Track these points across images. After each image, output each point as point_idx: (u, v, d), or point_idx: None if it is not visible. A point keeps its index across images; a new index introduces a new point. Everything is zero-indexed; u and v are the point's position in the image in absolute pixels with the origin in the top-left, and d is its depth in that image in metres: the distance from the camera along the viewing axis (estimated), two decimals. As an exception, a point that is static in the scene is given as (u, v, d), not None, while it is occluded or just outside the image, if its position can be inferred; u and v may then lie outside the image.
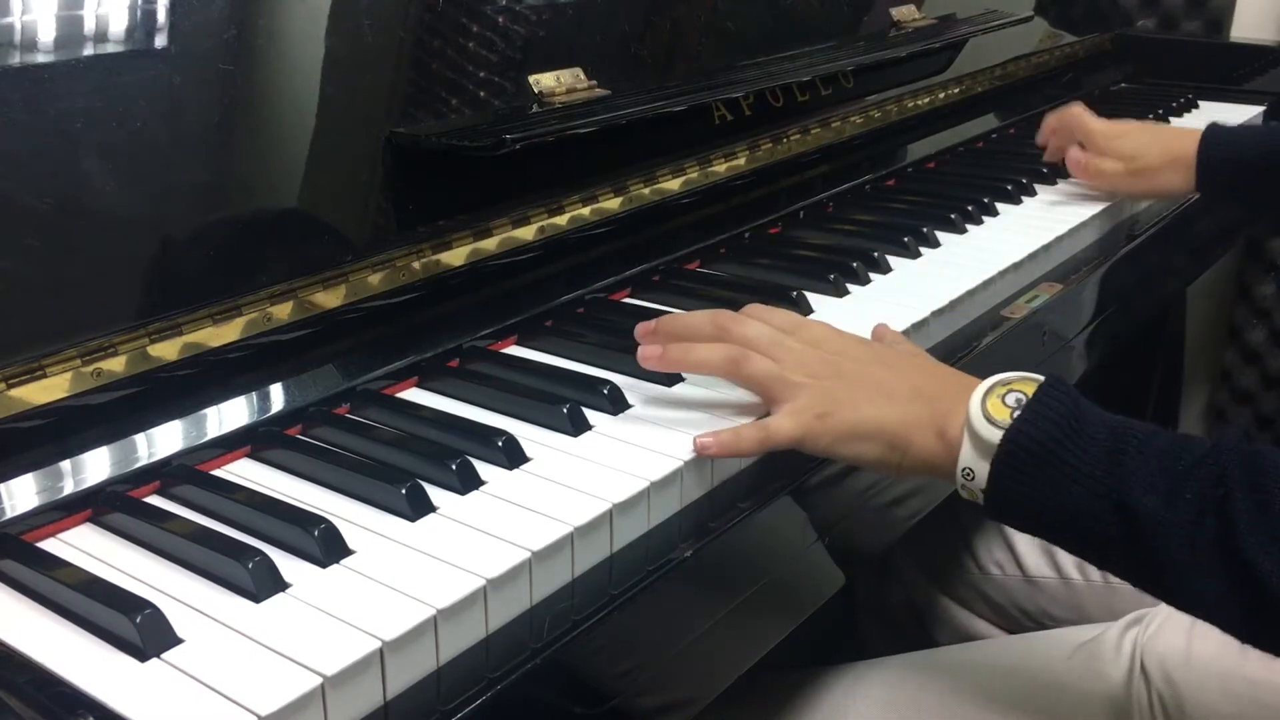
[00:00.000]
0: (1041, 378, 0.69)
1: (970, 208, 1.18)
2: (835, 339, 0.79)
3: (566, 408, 0.76)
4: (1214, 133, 1.23)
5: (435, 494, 0.68)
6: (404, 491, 0.67)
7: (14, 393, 0.66)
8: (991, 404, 0.68)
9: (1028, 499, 0.67)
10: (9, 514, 0.65)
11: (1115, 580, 1.08)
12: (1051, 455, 0.65)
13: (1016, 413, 0.67)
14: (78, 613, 0.59)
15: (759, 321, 0.79)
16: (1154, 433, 0.66)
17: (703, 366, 0.79)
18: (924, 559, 1.24)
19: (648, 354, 0.79)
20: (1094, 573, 1.10)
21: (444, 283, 0.89)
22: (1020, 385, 0.69)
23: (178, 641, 0.56)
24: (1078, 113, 1.31)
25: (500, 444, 0.72)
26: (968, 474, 0.69)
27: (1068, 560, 1.11)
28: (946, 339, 0.96)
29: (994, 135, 1.53)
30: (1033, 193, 1.27)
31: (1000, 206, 1.22)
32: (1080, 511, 0.65)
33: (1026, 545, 1.15)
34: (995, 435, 0.67)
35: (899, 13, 1.41)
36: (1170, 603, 0.65)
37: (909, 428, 0.72)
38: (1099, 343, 1.18)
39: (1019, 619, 1.15)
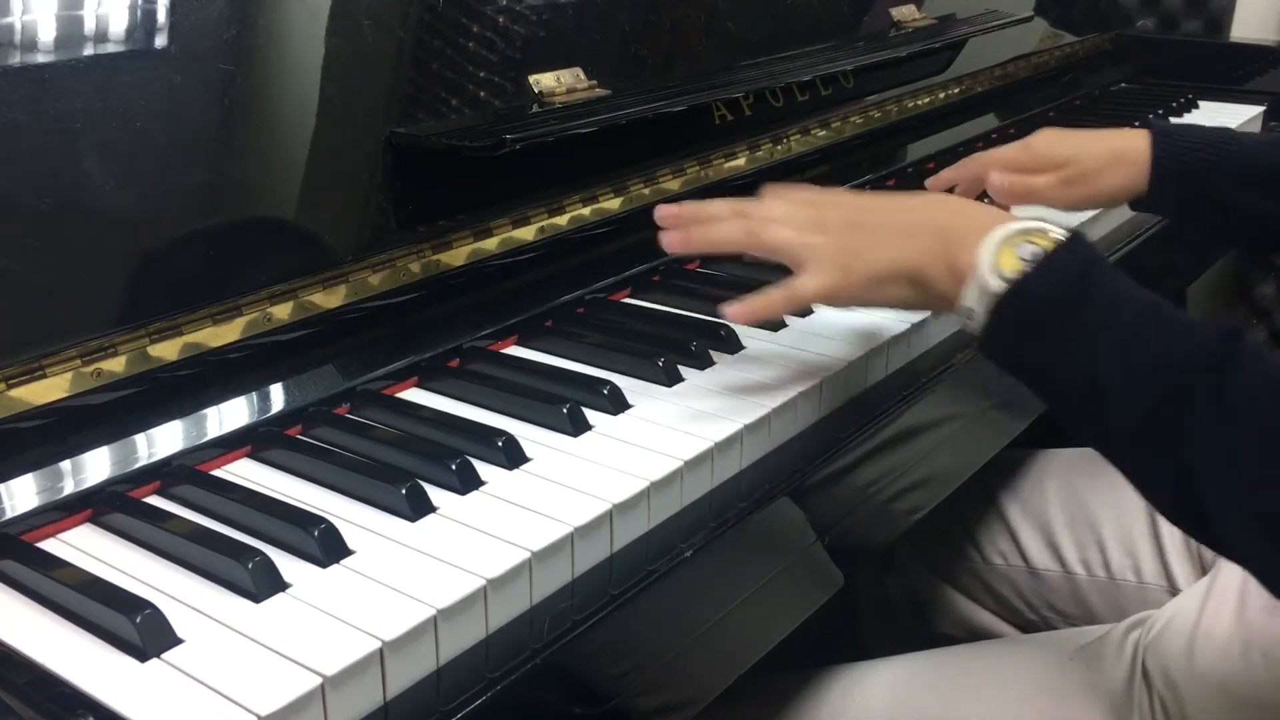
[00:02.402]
0: (1063, 235, 0.69)
1: (970, 208, 1.18)
2: (856, 197, 0.82)
3: (566, 408, 0.76)
4: (1162, 124, 1.09)
5: (435, 494, 0.68)
6: (404, 491, 0.67)
7: (14, 393, 0.67)
8: (1005, 253, 0.69)
9: (1015, 354, 0.70)
10: (9, 514, 0.65)
11: (1119, 576, 1.08)
12: (1044, 319, 0.67)
13: (1026, 267, 0.68)
14: (78, 613, 0.59)
15: (779, 199, 0.80)
16: (1149, 309, 0.66)
17: (723, 244, 0.80)
18: (926, 549, 1.24)
19: (671, 240, 0.81)
20: (1098, 567, 1.10)
21: (444, 283, 0.89)
22: (1039, 238, 0.69)
23: (178, 641, 0.56)
24: (979, 154, 1.08)
25: (500, 444, 0.72)
26: (969, 313, 0.71)
27: (1072, 555, 1.11)
28: (947, 339, 0.96)
29: (994, 135, 1.52)
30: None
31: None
32: (1060, 376, 0.67)
33: (1030, 537, 1.14)
34: (999, 286, 0.68)
35: (899, 13, 1.41)
36: (1119, 469, 0.68)
37: (926, 263, 0.74)
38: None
39: (1022, 611, 1.15)
